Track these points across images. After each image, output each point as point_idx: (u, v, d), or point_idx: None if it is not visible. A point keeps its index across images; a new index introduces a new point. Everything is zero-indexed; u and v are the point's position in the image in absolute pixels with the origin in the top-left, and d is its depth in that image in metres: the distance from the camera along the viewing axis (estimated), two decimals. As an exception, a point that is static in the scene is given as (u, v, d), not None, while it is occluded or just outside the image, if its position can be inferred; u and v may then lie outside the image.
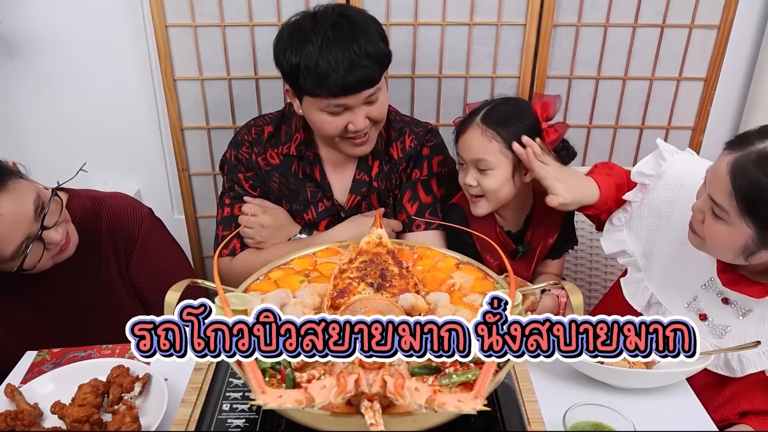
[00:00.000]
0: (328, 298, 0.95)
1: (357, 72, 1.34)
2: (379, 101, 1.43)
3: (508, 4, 1.88)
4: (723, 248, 1.16)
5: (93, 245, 1.41)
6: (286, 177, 1.59)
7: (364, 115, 1.42)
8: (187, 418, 0.96)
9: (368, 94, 1.39)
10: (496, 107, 1.47)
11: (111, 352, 1.29)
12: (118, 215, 1.44)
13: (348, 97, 1.37)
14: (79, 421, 1.03)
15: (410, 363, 0.80)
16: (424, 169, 1.59)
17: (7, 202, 1.19)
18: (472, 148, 1.45)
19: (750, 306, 1.24)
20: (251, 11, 1.89)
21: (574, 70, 1.98)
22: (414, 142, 1.59)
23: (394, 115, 1.63)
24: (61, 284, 1.40)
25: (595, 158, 2.11)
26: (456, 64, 1.97)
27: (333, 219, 1.61)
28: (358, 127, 1.42)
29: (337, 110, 1.39)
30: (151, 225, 1.49)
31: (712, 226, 1.14)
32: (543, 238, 1.59)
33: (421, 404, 0.68)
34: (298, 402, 0.67)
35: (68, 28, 1.94)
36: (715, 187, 1.12)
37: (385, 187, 1.60)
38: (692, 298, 1.30)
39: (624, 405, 1.01)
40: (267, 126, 1.60)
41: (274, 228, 1.55)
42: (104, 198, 1.47)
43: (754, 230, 1.09)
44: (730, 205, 1.09)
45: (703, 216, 1.16)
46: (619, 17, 1.91)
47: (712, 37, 1.94)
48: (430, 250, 1.14)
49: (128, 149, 2.14)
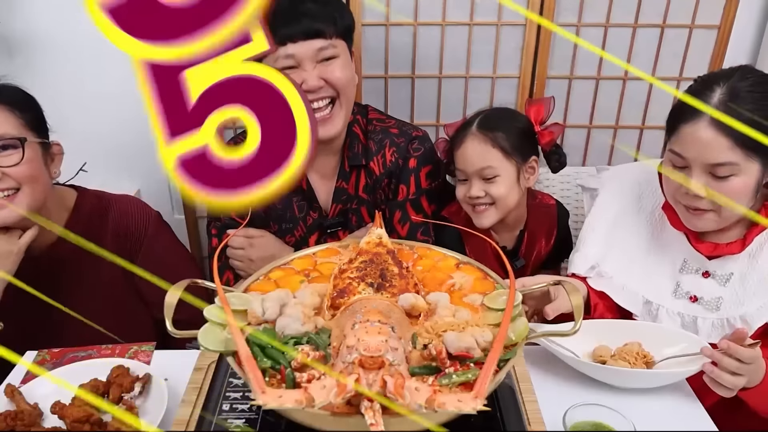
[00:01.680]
0: (328, 298, 0.95)
1: (304, 19, 1.34)
2: (337, 62, 1.40)
3: (508, 4, 1.89)
4: (742, 200, 1.18)
5: (98, 243, 1.40)
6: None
7: (317, 74, 1.38)
8: (187, 418, 0.96)
9: (318, 46, 1.36)
10: (488, 115, 1.47)
11: (111, 352, 1.29)
12: (125, 216, 1.45)
13: (295, 45, 1.35)
14: (79, 421, 1.03)
15: (410, 363, 0.80)
16: (411, 185, 1.54)
17: None
18: (474, 158, 1.44)
19: (729, 270, 1.27)
20: (251, 11, 1.88)
21: (574, 70, 1.98)
22: (395, 155, 1.53)
23: (375, 122, 1.57)
24: (64, 279, 1.40)
25: (595, 158, 2.11)
26: (456, 65, 1.97)
27: (319, 234, 1.58)
28: (310, 85, 1.37)
29: (287, 63, 1.36)
30: (158, 228, 1.49)
31: (726, 187, 1.16)
32: (536, 253, 1.59)
33: (421, 404, 0.68)
34: (298, 402, 0.67)
35: (68, 28, 1.94)
36: (710, 151, 1.14)
37: (373, 200, 1.57)
38: (675, 285, 1.32)
39: (624, 405, 1.01)
40: None
41: (262, 259, 1.48)
42: (112, 198, 1.48)
43: (760, 162, 1.14)
44: (735, 155, 1.13)
45: (705, 191, 1.18)
46: (619, 17, 1.91)
47: (712, 38, 1.94)
48: (430, 250, 1.14)
49: (128, 149, 2.13)
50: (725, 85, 1.15)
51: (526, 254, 1.58)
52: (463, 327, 0.86)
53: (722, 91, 1.15)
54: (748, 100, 1.13)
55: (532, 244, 1.57)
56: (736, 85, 1.15)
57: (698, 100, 1.19)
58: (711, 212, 1.22)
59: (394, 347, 0.76)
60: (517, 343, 0.85)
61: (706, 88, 1.18)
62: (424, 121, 2.04)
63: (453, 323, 0.88)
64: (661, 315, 1.31)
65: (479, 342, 0.82)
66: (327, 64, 1.39)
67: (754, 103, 1.13)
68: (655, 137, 2.07)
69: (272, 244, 1.54)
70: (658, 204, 1.37)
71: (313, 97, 1.39)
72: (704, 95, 1.17)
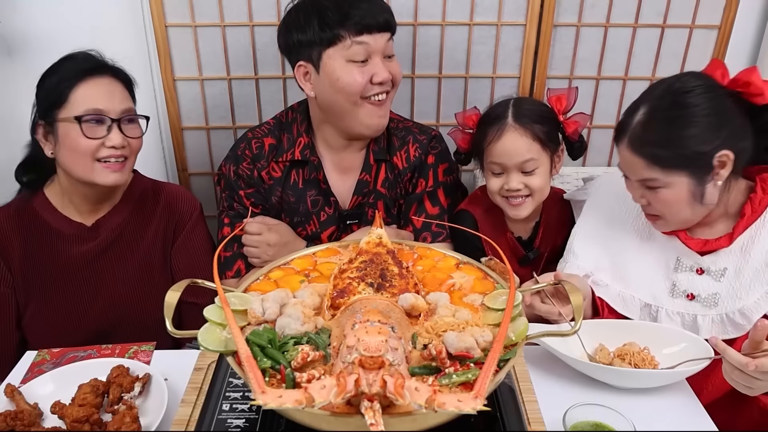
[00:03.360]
0: (328, 298, 0.95)
1: (378, 12, 1.41)
2: (395, 59, 1.49)
3: (508, 4, 1.88)
4: (680, 209, 1.25)
5: (147, 217, 1.55)
6: (286, 190, 1.58)
7: (387, 68, 1.45)
8: (187, 418, 0.96)
9: (387, 38, 1.44)
10: (520, 106, 1.46)
11: (111, 352, 1.29)
12: (175, 198, 1.60)
13: (371, 35, 1.41)
14: (79, 421, 1.03)
15: (410, 363, 0.80)
16: (429, 179, 1.59)
17: (104, 85, 1.40)
18: (518, 151, 1.43)
19: (722, 265, 1.28)
20: (251, 11, 1.89)
21: (574, 70, 1.98)
22: (418, 151, 1.59)
23: (396, 121, 1.63)
24: (109, 239, 1.50)
25: (595, 158, 2.11)
26: (456, 64, 1.97)
27: (337, 228, 1.60)
28: (383, 77, 1.44)
29: (359, 54, 1.42)
30: (200, 217, 1.62)
31: (658, 199, 1.25)
32: (552, 245, 1.58)
33: (421, 404, 0.68)
34: (298, 402, 0.67)
35: (68, 28, 1.94)
36: (633, 170, 1.25)
37: (391, 195, 1.60)
38: (671, 285, 1.33)
39: (624, 405, 1.01)
40: (266, 137, 1.59)
41: (280, 245, 1.53)
42: (165, 184, 1.64)
43: (686, 174, 1.20)
44: (654, 171, 1.21)
45: (646, 200, 1.27)
46: (620, 17, 1.91)
47: (712, 38, 1.94)
48: (430, 250, 1.14)
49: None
50: (646, 106, 1.23)
51: (541, 245, 1.58)
52: (463, 327, 0.86)
53: (642, 112, 1.23)
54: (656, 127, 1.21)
55: (548, 234, 1.58)
56: (655, 104, 1.23)
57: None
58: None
59: (394, 347, 0.76)
60: (517, 343, 0.85)
61: (633, 109, 1.25)
62: (424, 121, 2.03)
63: (453, 323, 0.88)
64: (661, 316, 1.31)
65: (479, 342, 0.83)
66: (390, 59, 1.48)
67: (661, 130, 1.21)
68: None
69: (288, 233, 1.58)
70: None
71: (380, 90, 1.47)
72: (629, 116, 1.25)
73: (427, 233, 1.57)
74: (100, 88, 1.39)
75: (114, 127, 1.39)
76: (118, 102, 1.40)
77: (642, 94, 1.28)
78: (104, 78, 1.41)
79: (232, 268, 1.56)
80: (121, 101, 1.41)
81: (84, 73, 1.38)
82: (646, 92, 1.28)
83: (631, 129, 1.23)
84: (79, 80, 1.37)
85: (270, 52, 1.93)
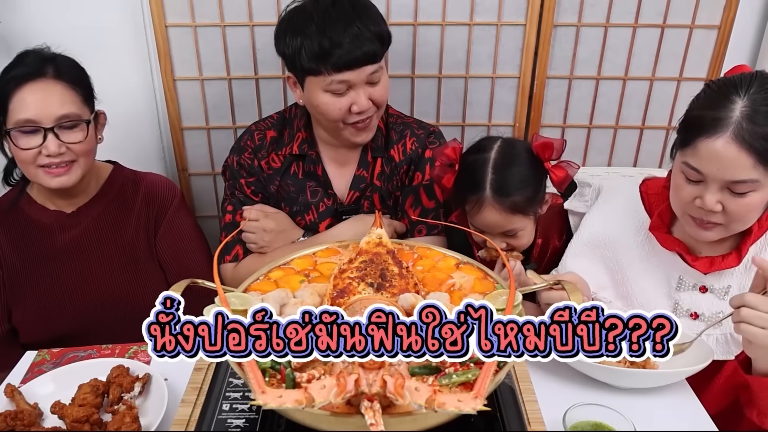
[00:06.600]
0: (328, 298, 0.95)
1: (361, 46, 1.37)
2: (381, 82, 1.45)
3: (508, 4, 1.88)
4: (754, 216, 1.16)
5: (128, 207, 1.56)
6: (285, 180, 1.61)
7: (367, 96, 1.43)
8: (187, 418, 0.96)
9: (371, 71, 1.41)
10: (500, 171, 1.37)
11: (111, 352, 1.29)
12: (155, 186, 1.61)
13: (351, 72, 1.38)
14: (79, 421, 1.03)
15: (410, 363, 0.80)
16: (426, 172, 1.60)
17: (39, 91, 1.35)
18: (499, 224, 1.39)
19: (726, 283, 1.25)
20: (251, 11, 1.89)
21: (574, 70, 1.98)
22: (415, 144, 1.60)
23: (395, 117, 1.64)
24: (91, 228, 1.52)
25: (595, 158, 2.11)
26: (456, 64, 1.97)
27: (334, 219, 1.62)
28: (362, 107, 1.43)
29: (340, 89, 1.40)
30: (181, 203, 1.63)
31: (740, 204, 1.12)
32: (550, 253, 1.57)
33: (421, 404, 0.68)
34: (298, 402, 0.67)
35: (68, 28, 1.93)
36: (731, 169, 1.08)
37: (387, 188, 1.61)
38: (674, 304, 1.30)
39: (624, 405, 1.01)
40: (269, 130, 1.63)
41: (276, 232, 1.56)
42: (145, 174, 1.64)
43: None
44: (757, 172, 1.08)
45: (721, 205, 1.13)
46: (620, 17, 1.91)
47: (712, 38, 1.94)
48: (430, 250, 1.14)
49: (128, 149, 2.12)
50: (746, 96, 1.08)
51: (538, 257, 1.57)
52: (463, 327, 0.86)
53: (744, 104, 1.08)
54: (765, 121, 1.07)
55: (546, 246, 1.57)
56: (757, 97, 1.08)
57: (716, 112, 1.10)
58: (720, 226, 1.17)
59: (394, 347, 0.76)
60: (517, 343, 0.85)
61: (724, 98, 1.10)
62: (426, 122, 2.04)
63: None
64: None
65: (479, 342, 0.82)
66: (374, 85, 1.44)
67: None
68: (655, 137, 2.07)
69: (286, 221, 1.60)
70: (643, 224, 1.34)
71: (360, 118, 1.46)
72: (723, 108, 1.09)
73: (423, 225, 1.58)
74: (34, 95, 1.34)
75: (49, 134, 1.35)
76: (56, 108, 1.35)
77: (725, 86, 1.12)
78: (42, 82, 1.36)
79: (230, 252, 1.59)
80: (61, 106, 1.36)
81: (20, 80, 1.34)
82: (728, 85, 1.12)
83: (736, 120, 1.06)
84: (15, 87, 1.34)
85: (270, 52, 1.92)
